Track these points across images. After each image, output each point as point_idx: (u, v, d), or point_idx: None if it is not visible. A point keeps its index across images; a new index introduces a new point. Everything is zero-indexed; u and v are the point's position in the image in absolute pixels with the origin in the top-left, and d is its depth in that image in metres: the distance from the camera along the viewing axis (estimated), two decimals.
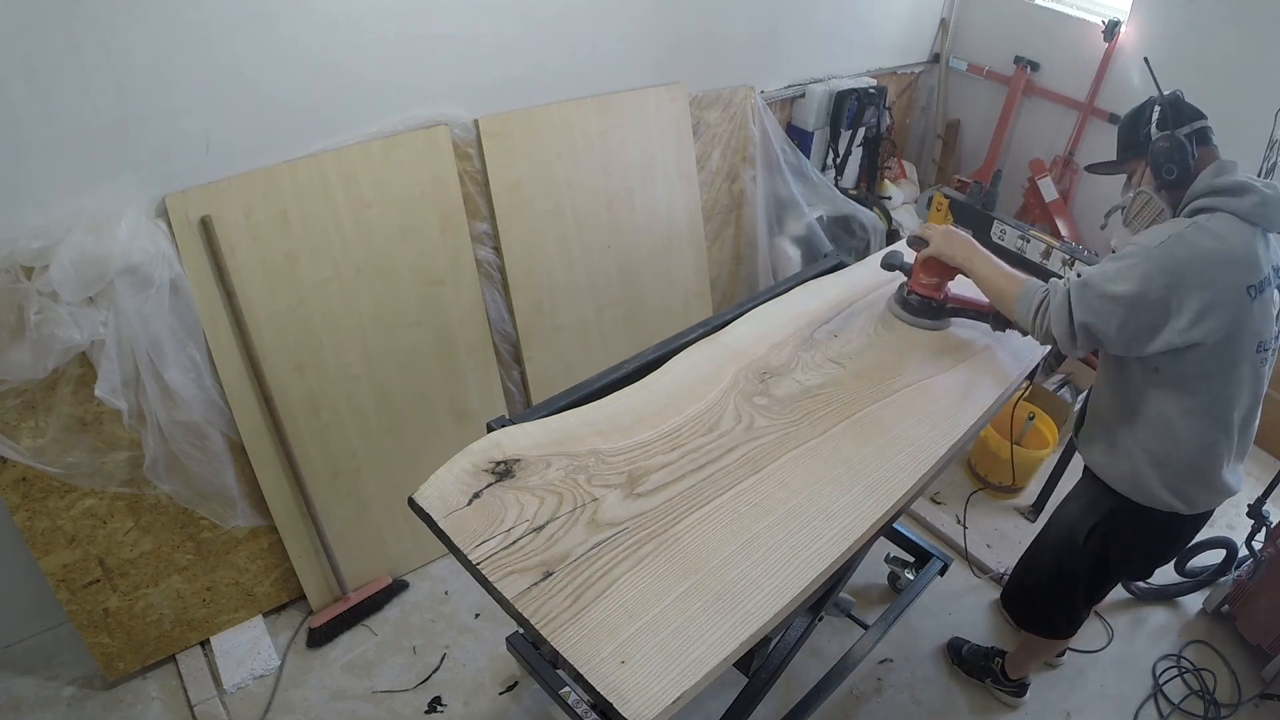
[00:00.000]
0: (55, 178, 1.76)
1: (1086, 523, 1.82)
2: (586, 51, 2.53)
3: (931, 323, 1.91)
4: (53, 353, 1.74)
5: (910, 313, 1.92)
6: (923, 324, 1.91)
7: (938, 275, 1.87)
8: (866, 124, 3.36)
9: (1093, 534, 1.81)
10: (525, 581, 1.25)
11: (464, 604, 2.49)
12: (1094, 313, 1.51)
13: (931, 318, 1.91)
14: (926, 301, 1.90)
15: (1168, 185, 1.58)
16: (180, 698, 2.18)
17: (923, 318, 1.91)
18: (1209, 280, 1.46)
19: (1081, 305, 1.52)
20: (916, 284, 1.90)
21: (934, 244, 1.80)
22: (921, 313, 1.91)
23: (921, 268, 1.87)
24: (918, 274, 1.89)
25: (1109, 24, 3.13)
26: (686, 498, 1.42)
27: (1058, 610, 2.02)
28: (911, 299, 1.91)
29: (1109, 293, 1.49)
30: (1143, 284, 1.47)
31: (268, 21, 1.89)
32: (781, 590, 1.28)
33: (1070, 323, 1.53)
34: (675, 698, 1.11)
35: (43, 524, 1.93)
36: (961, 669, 2.39)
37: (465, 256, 2.42)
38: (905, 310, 1.93)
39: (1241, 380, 1.57)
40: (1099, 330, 1.52)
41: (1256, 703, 2.41)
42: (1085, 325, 1.52)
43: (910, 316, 1.92)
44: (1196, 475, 1.65)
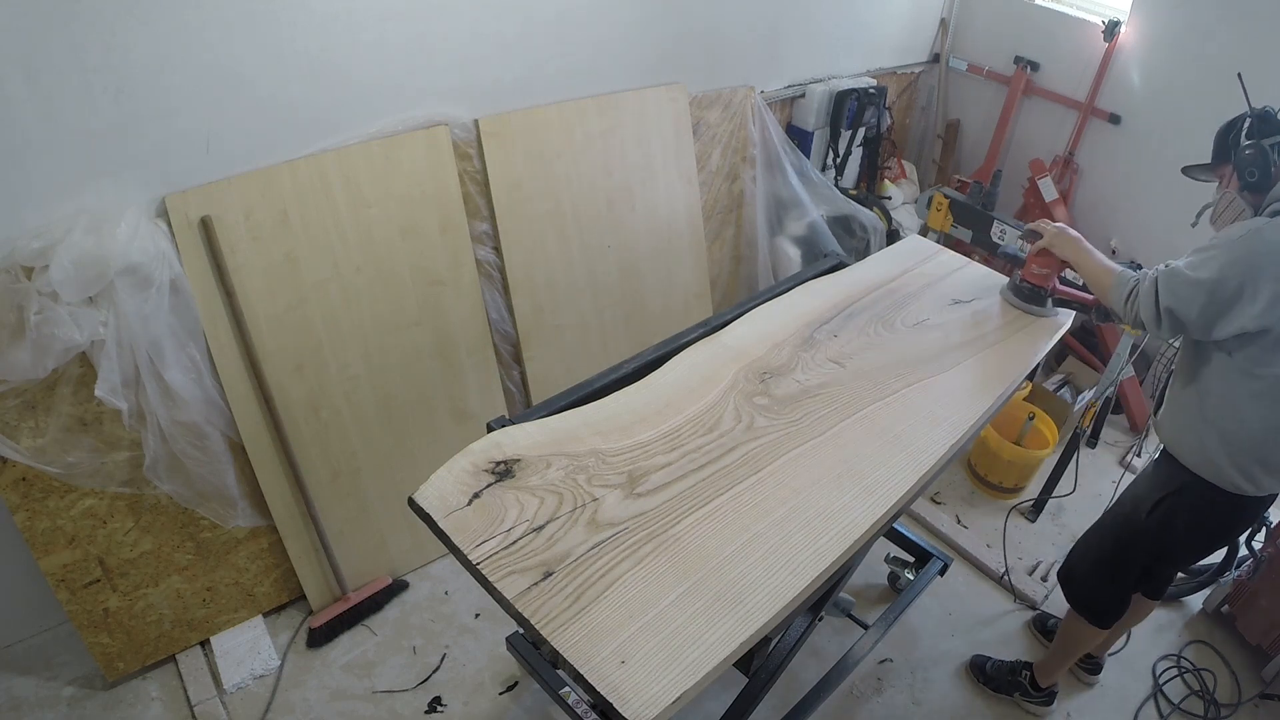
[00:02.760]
0: (55, 178, 1.76)
1: (1152, 496, 1.90)
2: (586, 51, 2.53)
3: (1040, 309, 2.06)
4: (53, 353, 1.74)
5: (1023, 299, 2.07)
6: (1034, 310, 2.06)
7: (1049, 267, 2.03)
8: (866, 124, 3.36)
9: (1158, 507, 1.89)
10: (525, 581, 1.25)
11: (464, 604, 2.49)
12: (1177, 297, 1.64)
13: (1040, 304, 2.07)
14: (1038, 290, 2.05)
15: (1251, 187, 1.72)
16: (180, 698, 2.18)
17: (1033, 304, 2.06)
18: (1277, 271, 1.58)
19: (1167, 291, 1.66)
20: (1029, 273, 2.06)
21: (1047, 238, 1.98)
22: (1032, 299, 2.06)
23: (1035, 259, 2.04)
24: (1030, 264, 2.05)
25: (1109, 24, 3.13)
26: (686, 498, 1.43)
27: (1108, 592, 2.07)
28: (1024, 286, 2.07)
29: (1191, 279, 1.63)
30: (1222, 271, 1.59)
31: (268, 21, 1.89)
32: (781, 590, 1.28)
33: (1156, 306, 1.68)
34: (675, 698, 1.11)
35: (43, 524, 1.93)
36: (988, 686, 2.37)
37: (465, 256, 2.42)
38: (1018, 297, 2.08)
39: None
40: (1182, 314, 1.65)
41: (1256, 703, 2.41)
42: (1169, 309, 1.66)
43: (1022, 303, 2.07)
44: (1261, 457, 1.73)
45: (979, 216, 2.75)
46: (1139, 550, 1.97)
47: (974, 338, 1.94)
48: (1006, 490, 3.03)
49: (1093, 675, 2.42)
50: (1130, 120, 3.22)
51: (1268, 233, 1.59)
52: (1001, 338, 1.95)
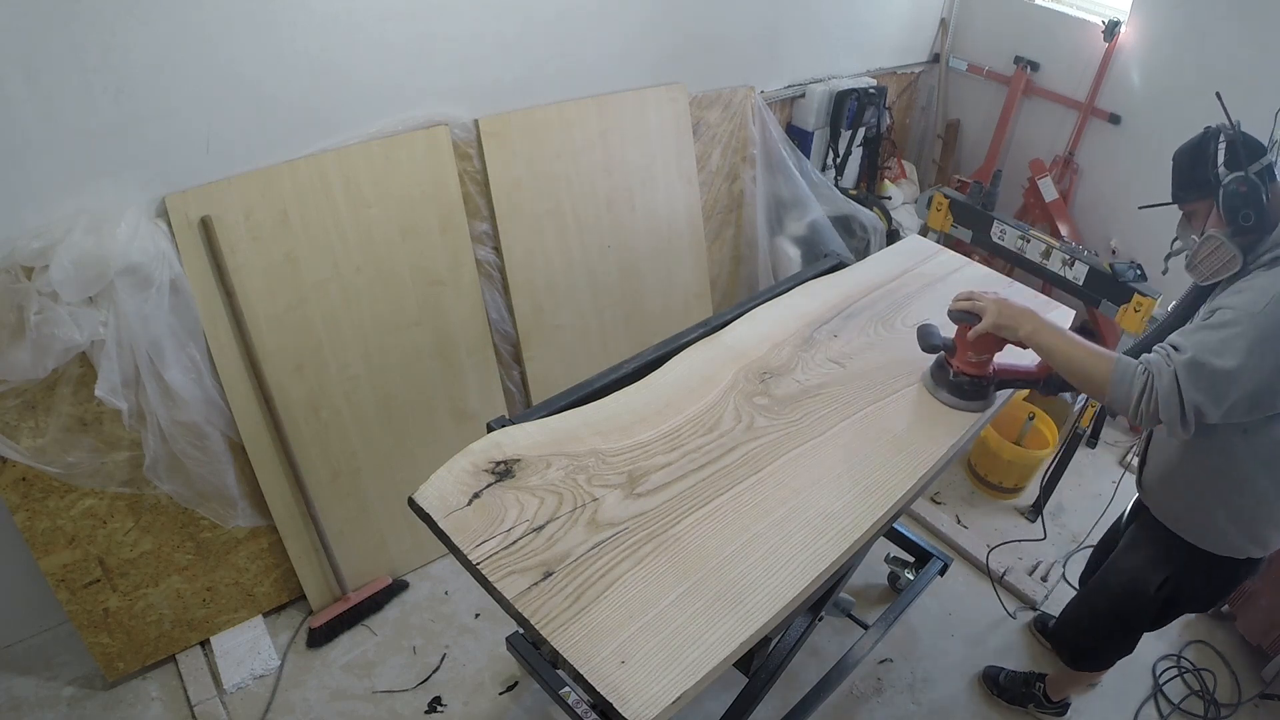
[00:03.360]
0: (55, 178, 1.75)
1: (1158, 574, 1.79)
2: (586, 51, 2.53)
3: (983, 404, 1.70)
4: (53, 353, 1.74)
5: (960, 396, 1.69)
6: (973, 407, 1.69)
7: (989, 350, 1.66)
8: (866, 124, 3.36)
9: (1165, 584, 1.79)
10: (525, 581, 1.25)
11: (464, 604, 2.49)
12: (1205, 393, 1.39)
13: (983, 398, 1.70)
14: (978, 382, 1.67)
15: (1242, 231, 1.46)
16: (180, 698, 2.18)
17: (974, 400, 1.69)
18: None
19: (1192, 386, 1.39)
20: (964, 363, 1.67)
21: (989, 318, 1.58)
22: (973, 395, 1.69)
23: (971, 345, 1.64)
24: (964, 352, 1.66)
25: (1109, 24, 3.13)
26: (686, 498, 1.43)
27: (1114, 649, 2.02)
28: (961, 382, 1.68)
29: (1220, 369, 1.37)
30: (1253, 353, 1.37)
31: (268, 21, 1.89)
32: (781, 590, 1.28)
33: (1181, 406, 1.40)
34: (675, 698, 1.11)
35: (43, 524, 1.93)
36: (1002, 698, 2.34)
37: (465, 256, 2.42)
38: (953, 394, 1.69)
39: None
40: (1209, 409, 1.40)
41: (1256, 703, 2.41)
42: (1199, 407, 1.40)
43: (959, 401, 1.69)
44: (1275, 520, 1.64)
45: (979, 216, 2.75)
46: (1145, 618, 1.88)
47: None
48: (1006, 490, 3.03)
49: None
50: (1130, 120, 3.22)
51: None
52: None
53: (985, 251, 2.82)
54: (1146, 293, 2.41)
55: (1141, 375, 1.43)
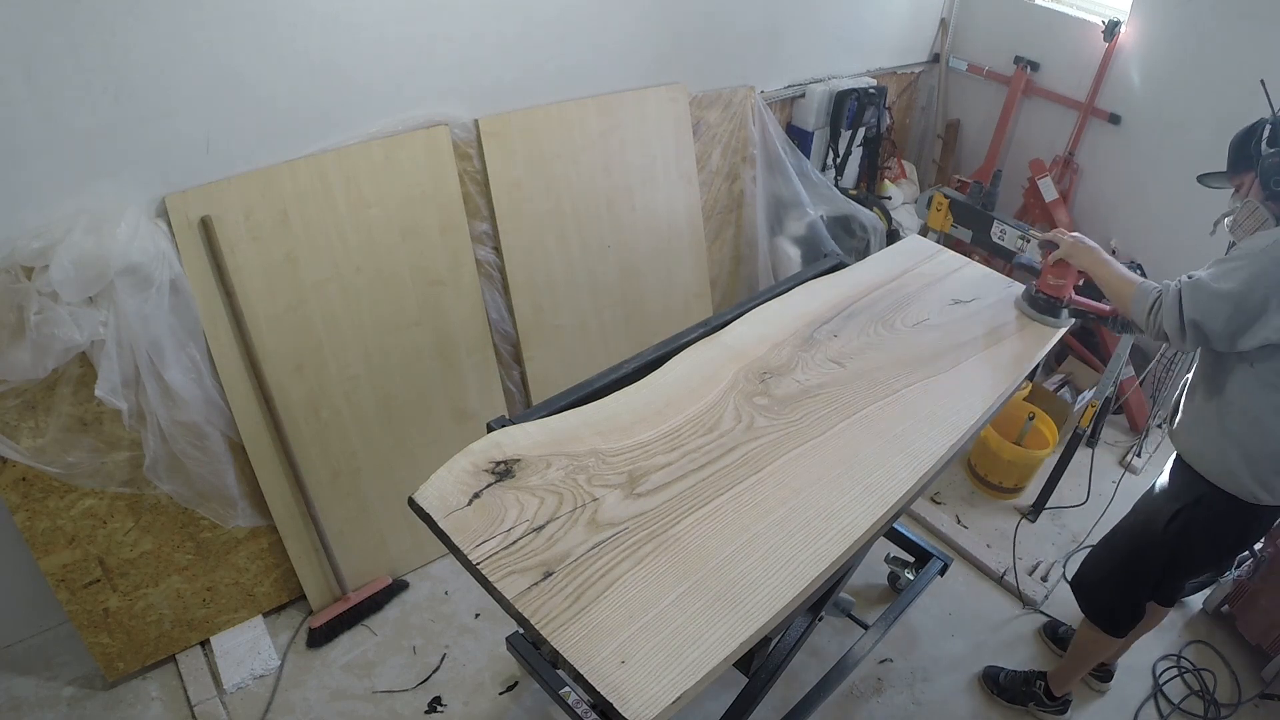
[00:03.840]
0: (55, 178, 1.75)
1: (1170, 508, 1.88)
2: (586, 51, 2.53)
3: (1056, 320, 2.03)
4: (53, 353, 1.74)
5: (1038, 310, 2.03)
6: (1049, 321, 2.02)
7: (1065, 278, 2.00)
8: (866, 124, 3.36)
9: (1175, 519, 1.87)
10: (525, 581, 1.25)
11: (464, 604, 2.49)
12: (1202, 309, 1.62)
13: (1055, 315, 2.03)
14: (1053, 301, 2.02)
15: (1275, 197, 1.67)
16: (180, 698, 2.18)
17: (1049, 314, 2.03)
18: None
19: (1191, 303, 1.64)
20: (1045, 284, 2.03)
21: (1064, 248, 1.94)
22: (1048, 310, 2.03)
23: (1051, 270, 2.00)
24: (1046, 275, 2.02)
25: (1109, 24, 3.13)
26: (686, 498, 1.42)
27: (1124, 600, 2.07)
28: (1040, 297, 2.03)
29: (1216, 290, 1.61)
30: (1247, 283, 1.58)
31: (268, 21, 1.89)
32: (781, 590, 1.28)
33: (1181, 319, 1.65)
34: (675, 698, 1.11)
35: (43, 524, 1.93)
36: (1002, 698, 2.35)
37: (465, 257, 2.42)
38: (1033, 308, 2.04)
39: None
40: (1206, 326, 1.63)
41: (1256, 703, 2.41)
42: (1194, 322, 1.63)
43: (1037, 314, 2.03)
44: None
45: (979, 216, 2.74)
46: (1155, 560, 1.96)
47: (974, 338, 1.94)
48: (1006, 490, 3.03)
49: (1104, 683, 2.42)
50: (1130, 120, 3.22)
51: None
52: (1001, 338, 1.95)
53: (985, 251, 2.82)
54: None
55: (1155, 292, 1.71)
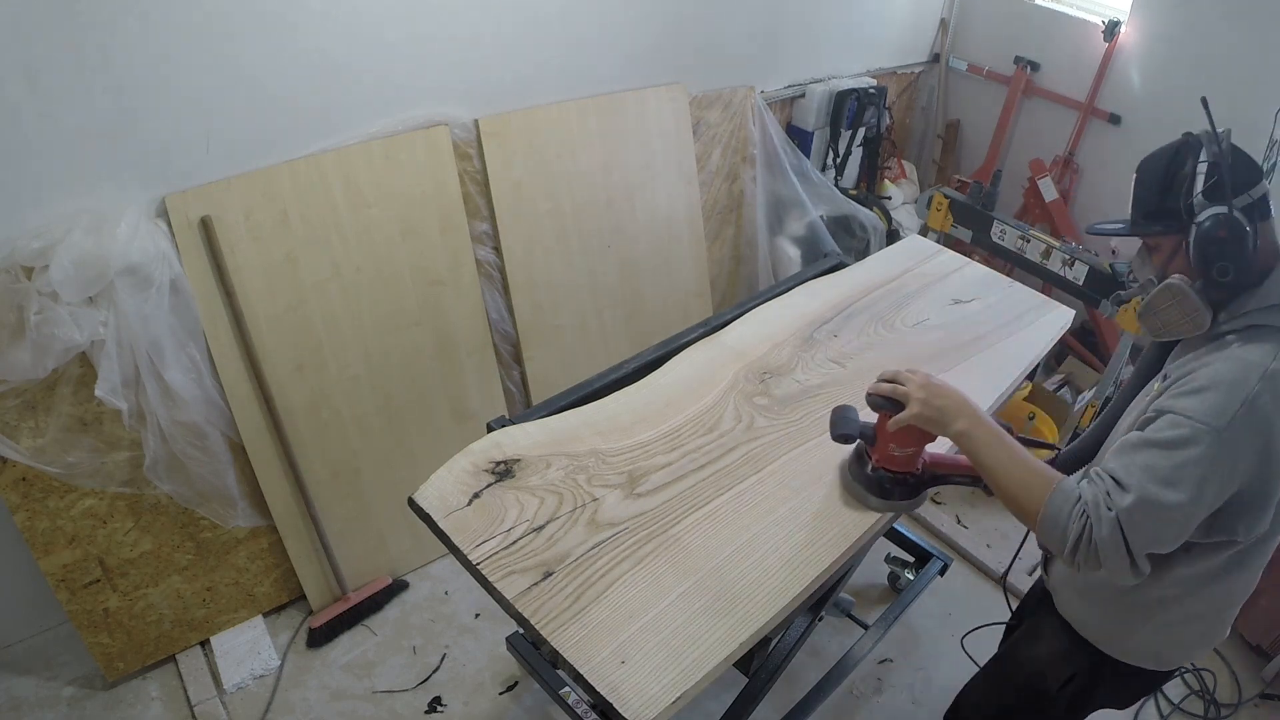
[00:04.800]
0: (55, 178, 1.76)
1: (1061, 672, 1.48)
2: (587, 51, 2.53)
3: (908, 503, 1.44)
4: (53, 353, 1.74)
5: (880, 495, 1.41)
6: (899, 508, 1.44)
7: (916, 444, 1.37)
8: (866, 124, 3.36)
9: (1069, 683, 1.48)
10: (525, 581, 1.25)
11: (464, 604, 2.49)
12: (1160, 538, 1.14)
13: (908, 497, 1.42)
14: (902, 478, 1.40)
15: (1216, 286, 1.15)
16: (180, 698, 2.18)
17: (897, 500, 1.42)
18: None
19: (1141, 534, 1.12)
20: (885, 458, 1.39)
21: (912, 407, 1.29)
22: (895, 494, 1.41)
23: (894, 436, 1.35)
24: (886, 444, 1.38)
25: (1109, 24, 3.12)
26: (686, 498, 1.42)
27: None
28: (881, 477, 1.40)
29: (1165, 505, 1.10)
30: (1218, 485, 1.11)
31: (268, 21, 1.89)
32: (781, 590, 1.28)
33: (1130, 557, 1.13)
34: (675, 698, 1.11)
35: (43, 524, 1.93)
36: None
37: (465, 256, 2.42)
38: (871, 492, 1.42)
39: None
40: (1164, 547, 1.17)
41: (1257, 703, 2.41)
42: (1150, 554, 1.15)
43: (879, 501, 1.42)
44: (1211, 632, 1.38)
45: (979, 216, 2.75)
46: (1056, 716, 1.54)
47: (974, 338, 1.93)
48: None
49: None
50: (1130, 120, 3.22)
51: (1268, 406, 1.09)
52: (1001, 338, 1.95)
53: (985, 251, 2.82)
54: None
55: (1079, 518, 1.14)
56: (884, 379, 1.36)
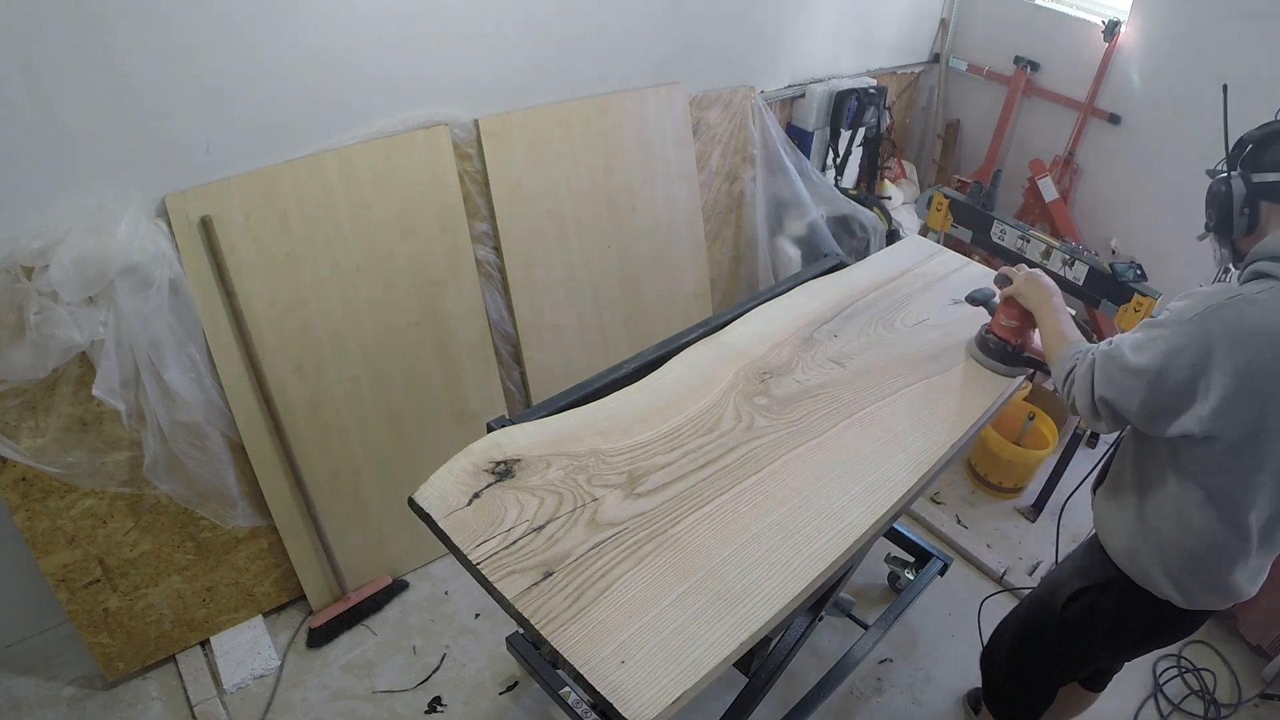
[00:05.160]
0: (56, 178, 1.75)
1: (1073, 585, 1.65)
2: (586, 51, 2.53)
3: (1006, 369, 1.78)
4: (53, 353, 1.74)
5: (985, 353, 1.80)
6: (997, 368, 1.78)
7: (1018, 319, 1.75)
8: (866, 124, 3.36)
9: (1077, 599, 1.64)
10: (525, 581, 1.25)
11: (464, 604, 2.49)
12: (1115, 386, 1.37)
13: (1006, 363, 1.78)
14: (1003, 345, 1.77)
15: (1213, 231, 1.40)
16: (180, 698, 2.18)
17: (997, 361, 1.78)
18: (1242, 366, 1.25)
19: (1103, 377, 1.38)
20: (996, 325, 1.79)
21: (1016, 284, 1.71)
22: (996, 355, 1.78)
23: (1002, 308, 1.77)
24: (999, 314, 1.78)
25: (1109, 24, 3.12)
26: (686, 498, 1.42)
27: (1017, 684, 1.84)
28: (989, 339, 1.79)
29: (1130, 365, 1.34)
30: (1166, 360, 1.30)
31: (268, 22, 1.89)
32: (781, 590, 1.28)
33: (1092, 396, 1.40)
34: (675, 698, 1.11)
35: (43, 524, 1.93)
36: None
37: (465, 256, 2.42)
38: (981, 350, 1.81)
39: (1261, 485, 1.37)
40: (1120, 406, 1.37)
41: (1257, 703, 2.41)
42: (1105, 399, 1.39)
43: (984, 358, 1.80)
44: (1198, 571, 1.48)
45: (979, 216, 2.75)
46: (1047, 642, 1.72)
47: None
48: (1006, 490, 3.03)
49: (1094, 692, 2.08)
50: (1130, 120, 3.22)
51: (1230, 311, 1.27)
52: None
53: (985, 251, 2.82)
54: (1146, 293, 2.41)
55: (1071, 360, 1.47)
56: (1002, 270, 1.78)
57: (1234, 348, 1.25)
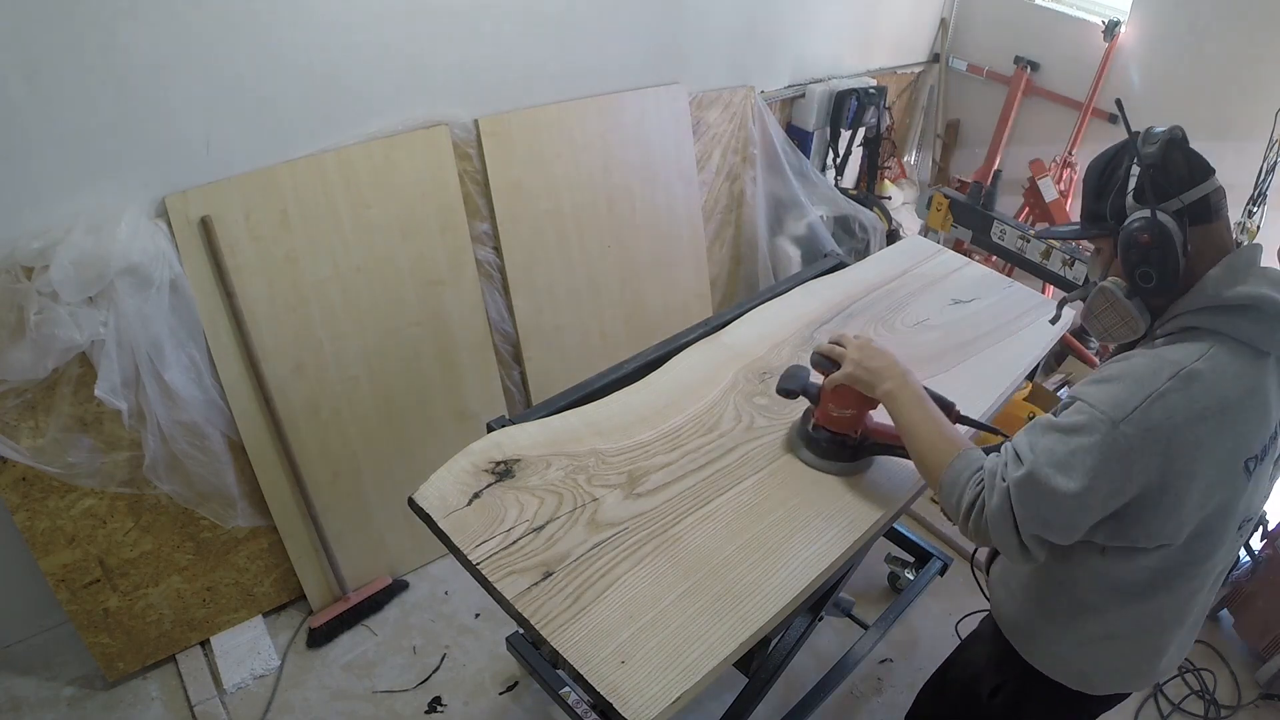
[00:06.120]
0: (55, 178, 1.75)
1: (991, 679, 1.45)
2: (586, 51, 2.53)
3: (846, 466, 1.46)
4: (53, 353, 1.74)
5: (818, 454, 1.47)
6: (837, 470, 1.46)
7: (854, 406, 1.42)
8: (866, 124, 3.36)
9: (999, 693, 1.44)
10: (525, 582, 1.25)
11: (464, 604, 2.49)
12: (1046, 523, 1.11)
13: (846, 459, 1.46)
14: (840, 440, 1.45)
15: (1143, 292, 1.13)
16: (180, 698, 2.18)
17: (832, 460, 1.46)
18: (1193, 469, 1.06)
19: (1026, 512, 1.10)
20: (825, 417, 1.45)
21: (846, 367, 1.36)
22: (832, 454, 1.46)
23: (832, 396, 1.42)
24: (826, 403, 1.44)
25: (1109, 24, 3.13)
26: (686, 498, 1.42)
27: None
28: (820, 436, 1.46)
29: (1060, 491, 1.07)
30: (1096, 480, 1.06)
31: (268, 21, 1.89)
32: (781, 590, 1.28)
33: (1017, 534, 1.12)
34: (675, 698, 1.11)
35: (43, 524, 1.93)
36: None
37: (465, 256, 2.42)
38: (810, 450, 1.48)
39: (1212, 569, 1.24)
40: (1055, 537, 1.13)
41: (1257, 703, 2.41)
42: (1039, 538, 1.13)
43: (817, 459, 1.47)
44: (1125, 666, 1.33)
45: (979, 216, 2.75)
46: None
47: (974, 338, 1.93)
48: None
49: None
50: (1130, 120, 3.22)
51: (1175, 403, 1.04)
52: (1001, 338, 1.95)
53: (985, 251, 2.82)
54: None
55: (976, 484, 1.16)
56: (831, 341, 1.42)
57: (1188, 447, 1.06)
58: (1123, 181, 1.14)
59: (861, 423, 1.45)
